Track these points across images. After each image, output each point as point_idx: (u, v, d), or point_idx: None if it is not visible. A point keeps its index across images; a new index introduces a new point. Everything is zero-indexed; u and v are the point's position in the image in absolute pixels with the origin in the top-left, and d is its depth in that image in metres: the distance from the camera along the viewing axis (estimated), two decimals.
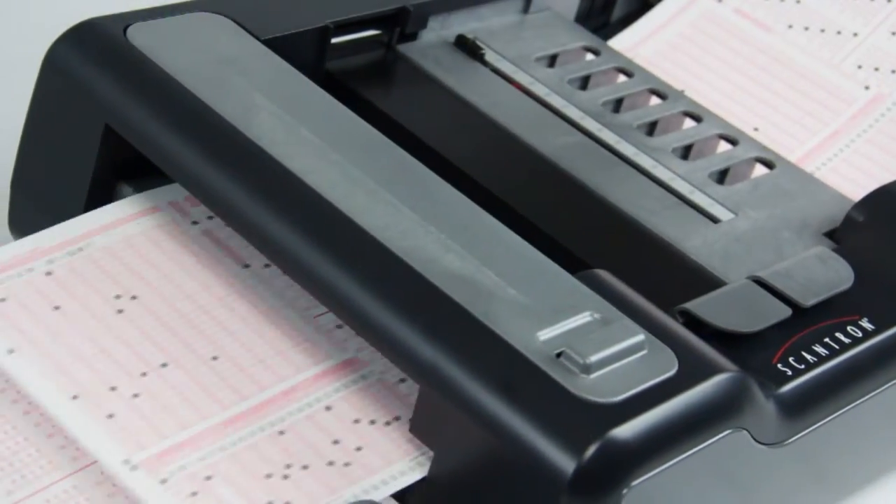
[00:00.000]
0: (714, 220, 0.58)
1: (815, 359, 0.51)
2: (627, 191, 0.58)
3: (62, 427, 0.46)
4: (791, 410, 0.49)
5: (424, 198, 0.51)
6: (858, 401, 0.52)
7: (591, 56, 0.67)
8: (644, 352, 0.47)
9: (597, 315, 0.48)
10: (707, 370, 0.47)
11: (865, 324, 0.53)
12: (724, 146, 0.64)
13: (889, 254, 0.56)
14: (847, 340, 0.52)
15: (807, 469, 0.52)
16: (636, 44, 0.70)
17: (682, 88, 0.67)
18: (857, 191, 0.62)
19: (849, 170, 0.65)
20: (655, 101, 0.65)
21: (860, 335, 0.52)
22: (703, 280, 0.54)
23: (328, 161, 0.51)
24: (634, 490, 0.44)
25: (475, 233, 0.50)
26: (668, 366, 0.47)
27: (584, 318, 0.48)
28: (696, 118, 0.65)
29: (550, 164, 0.59)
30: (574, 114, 0.62)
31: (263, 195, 0.50)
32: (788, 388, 0.50)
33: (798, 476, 0.52)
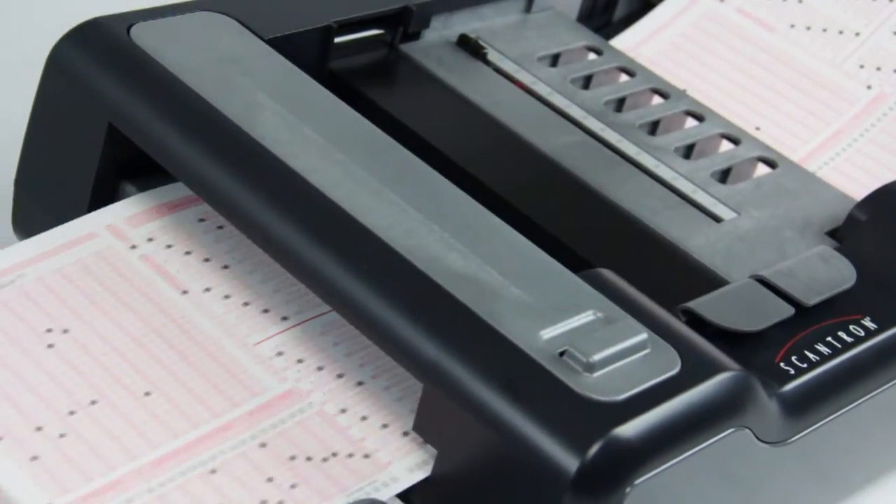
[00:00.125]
0: (717, 220, 0.58)
1: (818, 358, 0.51)
2: (630, 190, 0.58)
3: None
4: (794, 409, 0.50)
5: (428, 197, 0.51)
6: (861, 399, 0.52)
7: (594, 55, 0.67)
8: (647, 350, 0.47)
9: (600, 314, 0.48)
10: (710, 369, 0.47)
11: (868, 323, 0.53)
12: (727, 145, 0.64)
13: (891, 253, 0.56)
14: (849, 339, 0.52)
15: (809, 468, 0.52)
16: (638, 43, 0.70)
17: (685, 88, 0.67)
18: (860, 190, 0.62)
19: (851, 169, 0.65)
20: (658, 101, 0.65)
21: (863, 334, 0.52)
22: (706, 279, 0.54)
23: (332, 160, 0.52)
24: (637, 488, 0.44)
25: (478, 232, 0.50)
26: (671, 364, 0.47)
27: (588, 317, 0.48)
28: (699, 117, 0.65)
29: (553, 164, 0.59)
30: (576, 113, 0.62)
31: (267, 194, 0.50)
32: (791, 387, 0.50)
33: (801, 475, 0.52)
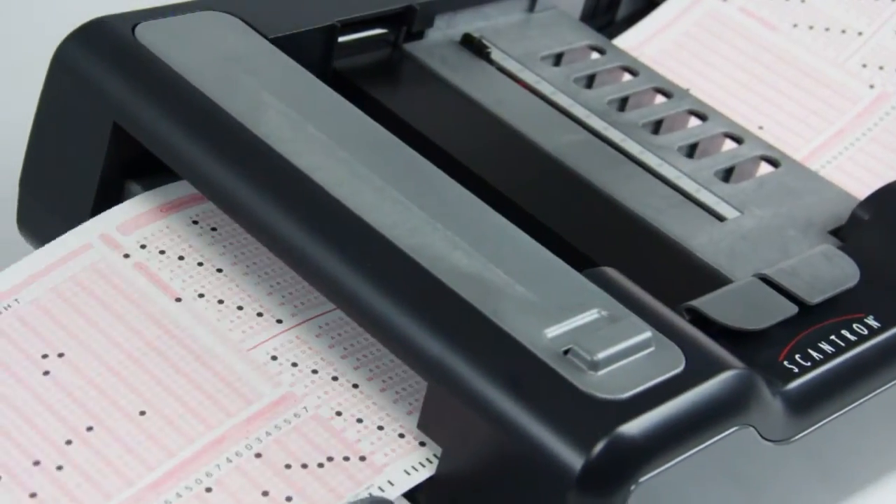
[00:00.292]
0: (720, 219, 0.58)
1: (822, 356, 0.51)
2: (633, 189, 0.58)
3: None
4: (797, 407, 0.50)
5: (432, 195, 0.51)
6: (864, 398, 0.52)
7: (597, 55, 0.67)
8: (651, 349, 0.47)
9: (604, 312, 0.48)
10: (714, 367, 0.47)
11: (871, 321, 0.53)
12: (730, 144, 0.64)
13: (895, 251, 0.56)
14: (853, 338, 0.52)
15: (813, 466, 0.52)
16: (641, 42, 0.70)
17: (687, 87, 0.67)
18: (863, 189, 0.62)
19: (854, 168, 0.65)
20: (661, 100, 0.66)
21: (866, 332, 0.52)
22: (709, 278, 0.55)
23: (336, 159, 0.52)
24: (642, 486, 0.44)
25: (483, 230, 0.50)
26: (676, 363, 0.47)
27: (592, 316, 0.48)
28: (702, 117, 0.65)
29: (556, 163, 0.59)
30: (580, 112, 0.62)
31: (271, 193, 0.50)
32: (795, 386, 0.50)
33: (804, 473, 0.52)
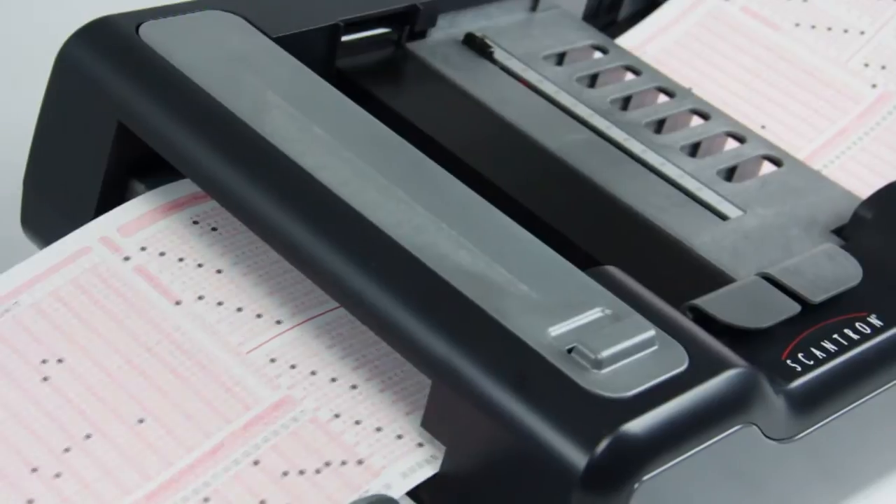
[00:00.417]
0: (723, 218, 0.58)
1: (824, 355, 0.51)
2: (636, 188, 0.59)
3: None
4: (800, 406, 0.50)
5: (436, 194, 0.51)
6: (867, 397, 0.52)
7: (599, 54, 0.67)
8: (655, 347, 0.47)
9: (608, 311, 0.48)
10: (717, 366, 0.47)
11: (874, 320, 0.53)
12: (732, 144, 0.64)
13: None
14: (855, 337, 0.52)
15: (816, 464, 0.52)
16: (643, 42, 0.70)
17: (690, 86, 0.67)
18: (865, 188, 0.62)
19: (856, 167, 0.65)
20: (663, 99, 0.66)
21: (868, 331, 0.52)
22: (712, 277, 0.55)
23: (340, 158, 0.52)
24: (645, 485, 0.44)
25: (486, 229, 0.50)
26: (679, 361, 0.47)
27: (595, 314, 0.48)
28: (704, 116, 0.65)
29: (559, 162, 0.59)
30: (582, 111, 0.62)
31: (276, 192, 0.50)
32: (798, 384, 0.50)
33: (807, 471, 0.52)
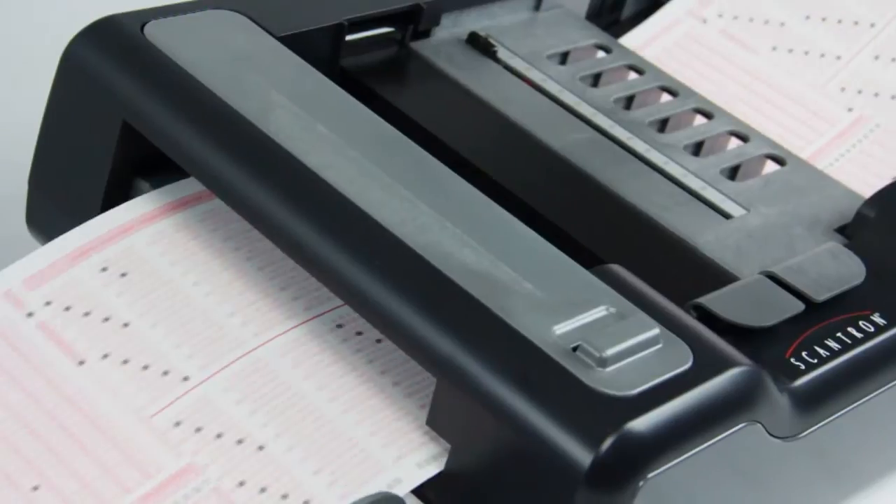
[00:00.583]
0: (726, 216, 0.58)
1: (828, 353, 0.51)
2: (640, 187, 0.59)
3: None
4: (804, 404, 0.50)
5: (440, 193, 0.51)
6: (871, 395, 0.52)
7: (603, 53, 0.67)
8: (659, 346, 0.47)
9: (612, 309, 0.48)
10: (721, 364, 0.47)
11: (877, 318, 0.53)
12: (736, 142, 0.64)
13: None
14: (859, 335, 0.52)
15: (820, 462, 0.53)
16: (647, 41, 0.71)
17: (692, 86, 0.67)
18: (868, 187, 0.62)
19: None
20: (666, 98, 0.66)
21: (872, 330, 0.52)
22: (716, 275, 0.55)
23: (345, 157, 0.52)
24: (650, 482, 0.44)
25: (491, 228, 0.50)
26: (683, 359, 0.47)
27: (600, 313, 0.48)
28: (707, 115, 0.65)
29: (563, 160, 0.59)
30: (586, 110, 0.62)
31: (280, 191, 0.50)
32: (802, 382, 0.50)
33: (811, 469, 0.52)
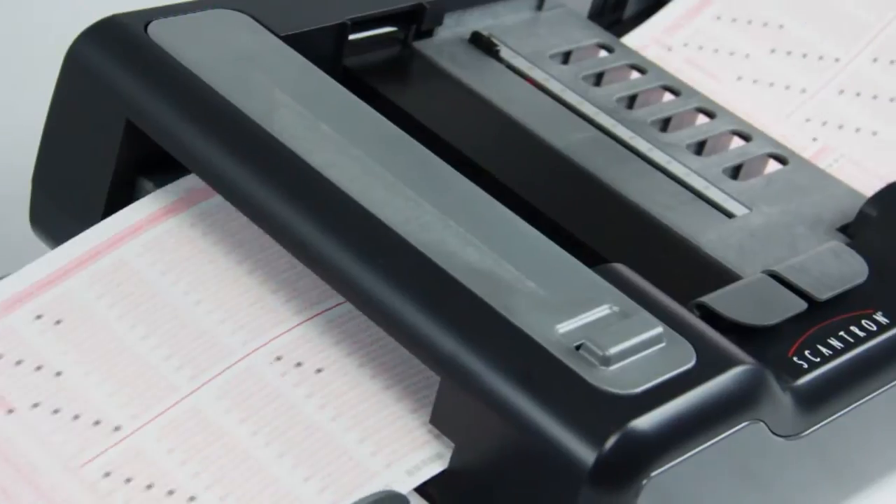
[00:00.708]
0: (728, 215, 0.58)
1: (831, 352, 0.51)
2: (642, 186, 0.59)
3: None
4: (807, 403, 0.50)
5: (443, 192, 0.51)
6: (873, 393, 0.52)
7: (605, 53, 0.68)
8: (662, 344, 0.47)
9: (615, 308, 0.48)
10: (724, 362, 0.47)
11: (880, 317, 0.53)
12: (738, 142, 0.64)
13: None
14: (862, 334, 0.52)
15: (823, 461, 0.53)
16: (649, 41, 0.71)
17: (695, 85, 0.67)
18: (869, 187, 0.62)
19: None
20: (669, 98, 0.66)
21: (875, 328, 0.52)
22: (719, 274, 0.55)
23: (348, 156, 0.52)
24: (654, 481, 0.45)
25: (494, 227, 0.50)
26: (686, 358, 0.47)
27: (603, 311, 0.48)
28: (710, 114, 0.65)
29: (565, 160, 0.59)
30: (589, 110, 0.63)
31: (284, 189, 0.50)
32: (804, 381, 0.50)
33: (814, 468, 0.52)
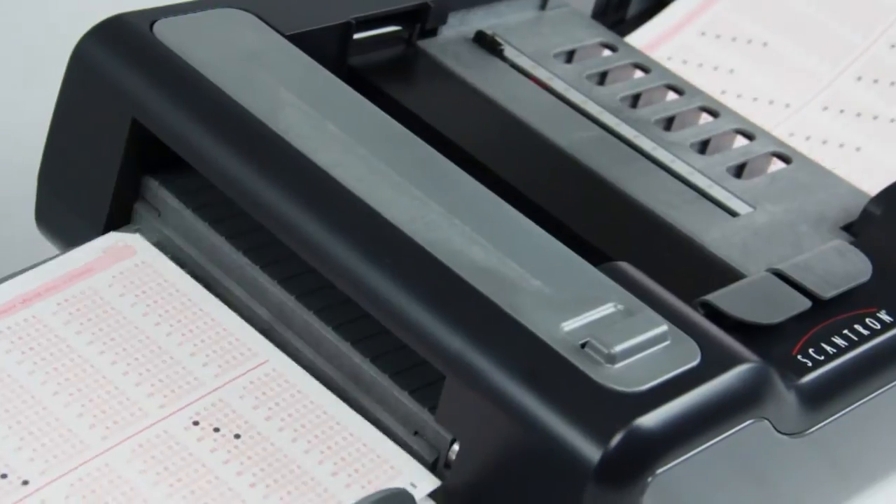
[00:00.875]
0: (732, 214, 0.58)
1: (835, 350, 0.51)
2: (646, 185, 0.59)
3: None
4: (811, 401, 0.50)
5: (449, 191, 0.52)
6: (878, 392, 0.52)
7: (609, 52, 0.68)
8: (667, 342, 0.47)
9: (620, 306, 0.48)
10: (729, 361, 0.48)
11: (884, 315, 0.53)
12: (741, 141, 0.64)
13: None
14: (866, 332, 0.52)
15: (827, 459, 0.53)
16: (652, 41, 0.71)
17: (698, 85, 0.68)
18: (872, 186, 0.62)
19: None
20: (672, 97, 0.66)
21: (878, 327, 0.53)
22: (723, 273, 0.55)
23: (354, 155, 0.52)
24: (659, 478, 0.45)
25: (499, 225, 0.51)
26: (691, 356, 0.47)
27: (608, 309, 0.48)
28: (713, 113, 0.65)
29: (570, 159, 0.59)
30: (592, 109, 0.63)
31: (290, 188, 0.50)
32: (809, 379, 0.50)
33: (818, 466, 0.52)
